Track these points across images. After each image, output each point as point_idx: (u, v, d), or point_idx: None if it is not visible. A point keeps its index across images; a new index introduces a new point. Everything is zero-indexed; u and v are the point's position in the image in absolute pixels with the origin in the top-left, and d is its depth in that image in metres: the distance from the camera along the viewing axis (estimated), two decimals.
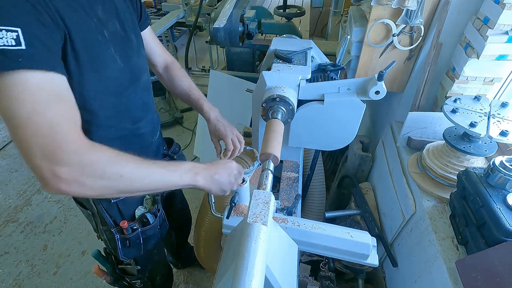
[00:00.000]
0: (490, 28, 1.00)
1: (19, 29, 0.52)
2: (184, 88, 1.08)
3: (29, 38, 0.53)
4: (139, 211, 1.02)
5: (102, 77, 0.73)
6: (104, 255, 1.24)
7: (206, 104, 1.07)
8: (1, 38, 0.51)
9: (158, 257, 1.28)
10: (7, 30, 0.51)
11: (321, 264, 1.36)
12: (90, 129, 0.78)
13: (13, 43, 0.52)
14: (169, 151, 1.18)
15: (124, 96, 0.82)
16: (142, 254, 1.11)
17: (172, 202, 1.34)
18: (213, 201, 0.91)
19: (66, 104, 0.59)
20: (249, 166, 0.96)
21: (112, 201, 0.94)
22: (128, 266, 1.19)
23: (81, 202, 1.01)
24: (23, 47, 0.53)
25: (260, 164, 0.84)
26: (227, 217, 0.80)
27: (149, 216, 1.02)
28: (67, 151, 0.56)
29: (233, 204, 0.79)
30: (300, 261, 1.37)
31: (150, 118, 0.97)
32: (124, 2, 0.83)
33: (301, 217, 1.05)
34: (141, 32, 0.94)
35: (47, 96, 0.56)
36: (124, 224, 0.97)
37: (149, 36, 1.01)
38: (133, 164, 0.63)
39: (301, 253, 1.37)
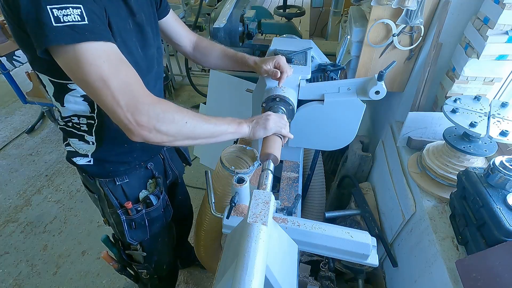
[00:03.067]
0: (490, 28, 1.00)
1: (81, 5, 0.59)
2: (219, 51, 1.12)
3: (89, 13, 0.61)
4: (142, 194, 1.08)
5: (128, 61, 0.77)
6: (112, 240, 1.28)
7: (245, 54, 1.08)
8: (69, 15, 0.58)
9: (163, 247, 1.30)
10: (72, 7, 0.58)
11: (321, 264, 1.36)
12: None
13: (79, 19, 0.59)
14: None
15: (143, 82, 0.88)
16: (148, 238, 1.15)
17: (174, 192, 1.37)
18: (213, 201, 0.91)
19: (130, 66, 0.68)
20: (249, 166, 0.96)
21: (117, 183, 1.01)
22: (135, 251, 1.22)
23: (88, 186, 1.07)
24: (86, 22, 0.60)
25: (260, 164, 0.84)
26: (227, 217, 0.80)
27: (152, 197, 1.07)
28: (144, 103, 0.66)
29: (233, 204, 0.79)
30: (300, 261, 1.37)
31: None
32: None
33: (301, 217, 1.05)
34: (164, 18, 1.00)
35: (115, 60, 0.65)
36: (129, 204, 1.02)
37: (173, 20, 1.05)
38: (192, 114, 0.75)
39: (301, 253, 1.37)
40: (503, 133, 0.91)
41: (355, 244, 0.75)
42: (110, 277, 1.91)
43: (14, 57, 3.18)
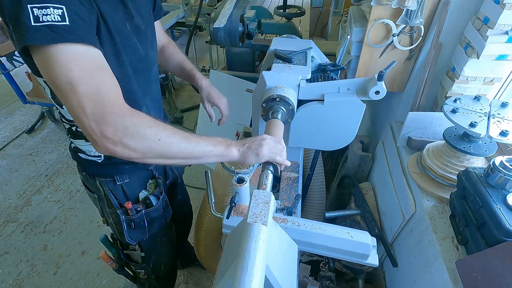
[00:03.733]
0: (490, 28, 1.00)
1: (63, 7, 0.58)
2: (178, 61, 1.18)
3: (72, 15, 0.59)
4: (142, 194, 1.08)
5: (127, 62, 0.79)
6: (110, 240, 1.28)
7: (198, 73, 1.16)
8: (49, 15, 0.56)
9: (162, 248, 1.30)
10: (53, 7, 0.57)
11: (321, 264, 1.36)
12: None
13: (59, 19, 0.57)
14: None
15: (140, 84, 0.89)
16: (147, 238, 1.15)
17: (174, 192, 1.36)
18: (213, 201, 0.91)
19: (108, 73, 0.65)
20: (249, 166, 0.96)
21: (118, 183, 1.00)
22: (133, 251, 1.22)
23: (88, 186, 1.07)
24: (67, 22, 0.58)
25: (260, 164, 0.84)
26: (227, 217, 0.80)
27: (152, 198, 1.07)
28: (112, 113, 0.62)
29: (233, 204, 0.79)
30: (300, 261, 1.37)
31: (157, 112, 1.05)
32: None
33: (301, 217, 1.05)
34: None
35: (90, 65, 0.62)
36: (129, 204, 1.02)
37: (158, 25, 1.08)
38: (169, 131, 0.68)
39: (301, 253, 1.37)
40: (503, 133, 0.91)
41: (355, 244, 0.75)
42: (110, 277, 1.91)
43: (14, 57, 3.17)
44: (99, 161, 0.95)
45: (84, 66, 0.60)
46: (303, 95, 0.99)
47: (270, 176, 0.76)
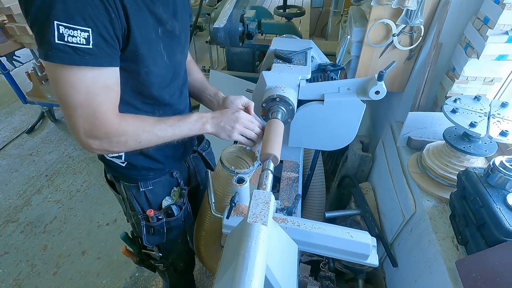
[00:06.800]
0: (490, 28, 1.00)
1: (90, 29, 0.59)
2: (199, 80, 1.11)
3: (96, 38, 0.60)
4: (166, 202, 1.08)
5: (150, 72, 0.78)
6: (131, 237, 1.30)
7: (217, 96, 1.04)
8: (75, 37, 0.58)
9: (180, 248, 1.32)
10: (81, 30, 0.58)
11: (321, 264, 1.36)
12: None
13: (84, 42, 0.59)
14: (198, 148, 1.23)
15: (166, 90, 0.88)
16: (165, 242, 1.16)
17: (196, 197, 1.35)
18: (213, 201, 0.91)
19: (111, 94, 0.69)
20: (249, 166, 0.96)
21: (141, 189, 1.01)
22: (151, 252, 1.24)
23: (113, 186, 1.08)
24: (90, 46, 0.60)
25: (260, 164, 0.84)
26: (227, 217, 0.80)
27: (174, 208, 1.07)
28: (101, 131, 0.69)
29: (233, 204, 0.79)
30: (300, 261, 1.37)
31: (187, 112, 1.03)
32: (183, 2, 0.86)
33: (301, 217, 1.05)
34: None
35: (98, 87, 0.65)
36: (151, 213, 1.03)
37: None
38: (148, 133, 0.76)
39: (301, 253, 1.37)
40: (503, 133, 0.91)
41: (355, 244, 0.75)
42: (110, 277, 1.91)
43: (14, 57, 3.18)
44: (123, 165, 0.95)
45: (91, 89, 0.64)
46: (303, 95, 0.99)
47: (270, 176, 0.76)
